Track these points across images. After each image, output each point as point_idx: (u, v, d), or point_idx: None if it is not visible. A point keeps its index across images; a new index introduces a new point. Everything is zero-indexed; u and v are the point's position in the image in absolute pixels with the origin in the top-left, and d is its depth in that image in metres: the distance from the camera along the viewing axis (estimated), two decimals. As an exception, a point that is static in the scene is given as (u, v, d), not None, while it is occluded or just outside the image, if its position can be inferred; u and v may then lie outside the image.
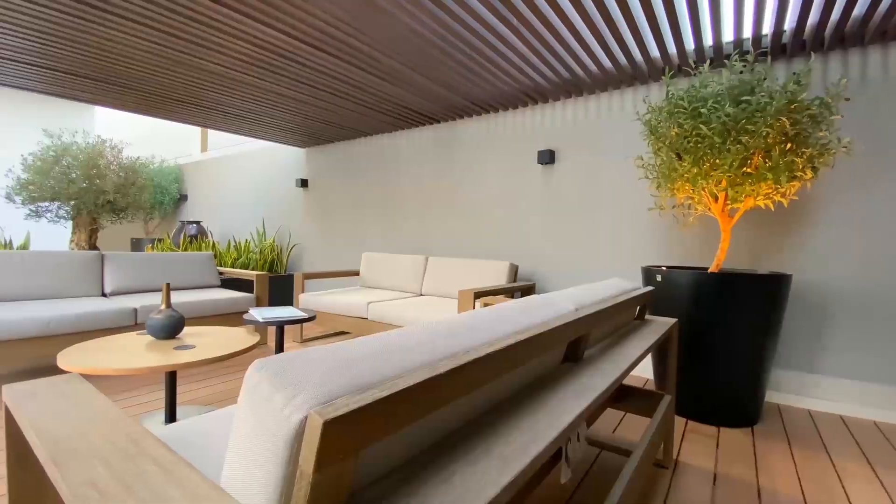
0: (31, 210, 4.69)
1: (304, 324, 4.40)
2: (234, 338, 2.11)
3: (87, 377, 2.78)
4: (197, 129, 7.40)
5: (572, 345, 1.23)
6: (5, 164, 5.58)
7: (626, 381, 2.92)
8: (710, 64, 2.72)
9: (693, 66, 2.38)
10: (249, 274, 3.74)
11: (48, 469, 0.64)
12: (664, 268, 2.47)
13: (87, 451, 0.65)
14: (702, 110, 2.12)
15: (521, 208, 3.68)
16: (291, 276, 5.22)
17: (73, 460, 0.62)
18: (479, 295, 2.71)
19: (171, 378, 1.96)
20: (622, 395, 1.92)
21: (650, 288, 1.92)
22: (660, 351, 2.39)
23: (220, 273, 4.10)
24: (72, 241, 4.92)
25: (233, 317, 3.49)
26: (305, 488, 0.44)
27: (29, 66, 3.08)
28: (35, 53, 2.85)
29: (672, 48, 2.57)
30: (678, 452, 1.94)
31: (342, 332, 4.21)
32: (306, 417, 0.46)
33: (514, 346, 0.81)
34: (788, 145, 2.09)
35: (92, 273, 3.29)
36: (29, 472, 0.92)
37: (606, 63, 2.79)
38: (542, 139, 3.58)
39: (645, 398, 1.83)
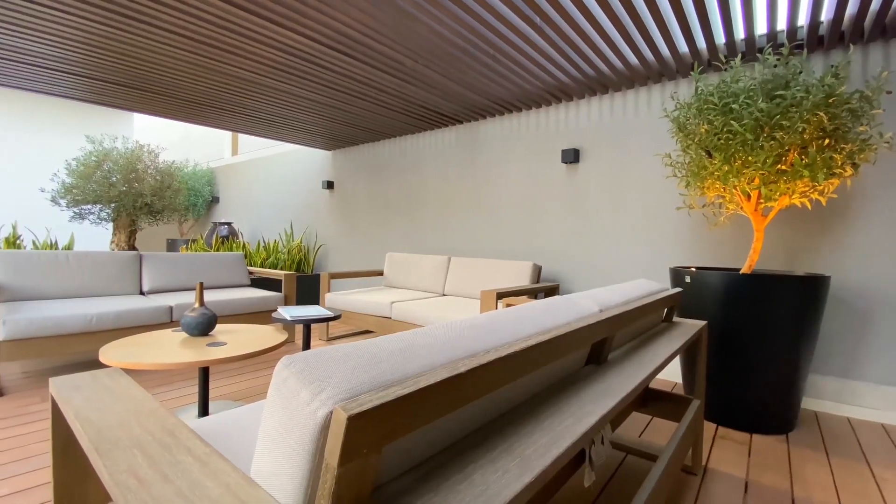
0: (74, 212, 4.95)
1: (330, 322, 4.49)
2: (263, 335, 2.18)
3: (126, 371, 2.92)
4: (228, 133, 7.65)
5: (596, 347, 1.21)
6: (51, 169, 5.90)
7: (653, 385, 2.85)
8: (741, 58, 2.63)
9: (723, 60, 2.31)
10: (278, 273, 3.84)
11: (91, 457, 0.68)
12: (693, 268, 2.41)
13: (127, 441, 0.69)
14: (733, 106, 2.06)
15: (544, 208, 3.64)
16: (318, 276, 5.33)
17: (115, 450, 0.66)
18: (501, 295, 2.71)
19: (205, 373, 2.04)
20: (649, 399, 1.88)
21: (678, 289, 1.88)
22: (688, 354, 2.33)
23: (250, 272, 4.22)
24: (112, 241, 5.16)
25: (262, 315, 3.59)
26: (331, 481, 0.46)
27: (72, 76, 3.26)
28: (77, 64, 3.01)
29: (701, 43, 2.50)
30: (708, 459, 1.89)
31: (366, 331, 4.27)
32: (331, 412, 0.47)
33: (536, 346, 0.81)
34: (826, 141, 2.00)
35: (131, 272, 3.44)
36: (73, 460, 0.98)
37: (633, 60, 2.74)
38: (566, 138, 3.54)
39: (672, 402, 1.78)
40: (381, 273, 4.45)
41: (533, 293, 3.11)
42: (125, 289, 3.38)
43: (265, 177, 6.53)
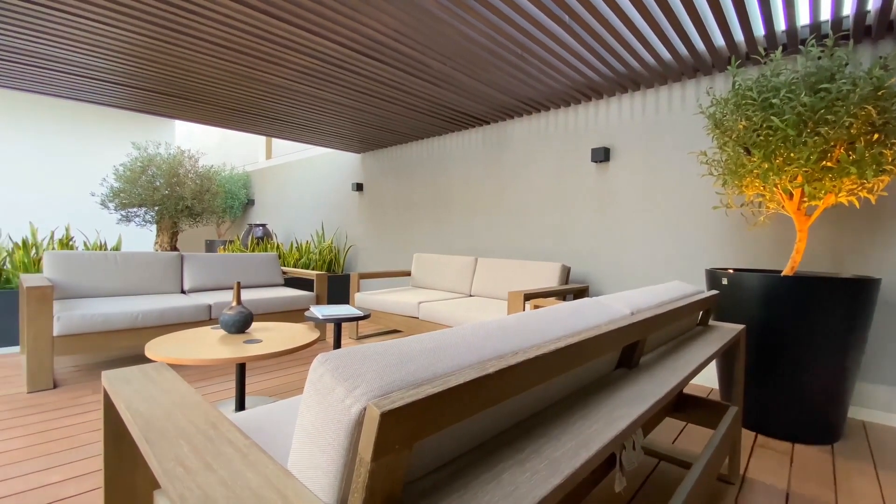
0: (122, 215, 5.24)
1: (359, 321, 4.57)
2: (296, 333, 2.25)
3: (170, 366, 3.06)
4: (262, 138, 7.91)
5: (627, 350, 1.19)
6: (101, 175, 6.27)
7: (687, 390, 2.76)
8: (782, 50, 2.52)
9: (763, 53, 2.21)
10: (310, 274, 3.94)
11: (141, 446, 0.72)
12: (731, 270, 2.32)
13: (173, 431, 0.73)
14: (773, 101, 1.97)
15: (573, 208, 3.59)
16: (348, 276, 5.43)
17: (163, 440, 0.70)
18: (529, 297, 2.69)
19: (241, 369, 2.12)
20: (683, 405, 1.83)
21: (714, 292, 1.82)
22: (725, 359, 2.25)
23: (284, 272, 4.35)
24: (156, 242, 5.43)
25: (294, 313, 3.69)
26: (365, 475, 0.48)
27: (119, 86, 3.45)
28: (124, 74, 3.18)
29: (739, 35, 2.41)
30: (746, 468, 1.82)
31: (394, 331, 4.32)
32: (365, 409, 0.49)
33: (564, 349, 0.81)
34: (875, 136, 1.89)
35: (173, 272, 3.62)
36: (123, 449, 1.04)
37: (665, 55, 2.67)
38: (595, 136, 3.48)
39: (708, 408, 1.73)
40: (408, 273, 4.50)
41: (561, 295, 3.07)
42: (168, 287, 3.55)
43: (297, 179, 6.71)
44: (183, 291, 3.69)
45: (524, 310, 2.61)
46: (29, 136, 5.72)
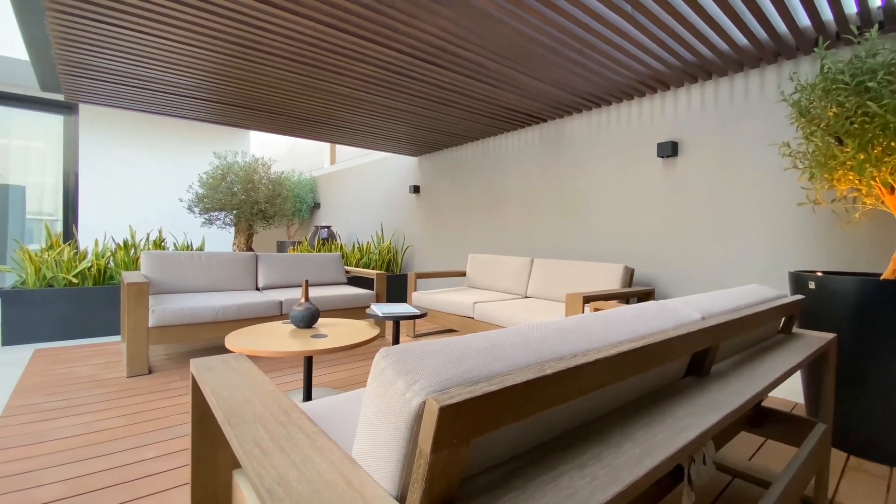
0: (205, 219, 5.75)
1: (416, 320, 4.67)
2: (359, 329, 2.35)
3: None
4: (327, 145, 8.34)
5: (697, 357, 1.13)
6: (186, 182, 6.92)
7: (767, 404, 2.54)
8: (878, 29, 2.24)
9: (856, 32, 1.98)
10: (370, 273, 4.10)
11: (224, 428, 0.79)
12: (819, 273, 2.11)
13: (251, 416, 0.79)
14: (870, 84, 1.76)
15: (637, 206, 3.43)
16: (405, 276, 5.58)
17: (243, 423, 0.77)
18: (588, 299, 2.60)
19: (309, 362, 2.25)
20: (762, 419, 1.69)
21: (799, 297, 1.66)
22: (812, 371, 2.04)
23: (347, 272, 4.56)
24: (234, 243, 5.91)
25: (356, 311, 3.85)
26: (424, 467, 0.50)
27: (200, 101, 3.79)
28: (204, 90, 3.50)
29: (827, 14, 2.18)
30: (835, 492, 1.64)
31: (450, 330, 4.36)
32: (424, 402, 0.51)
33: (627, 353, 0.78)
34: None
35: (249, 270, 3.91)
36: (207, 430, 1.14)
37: (741, 40, 2.47)
38: (662, 130, 3.29)
39: (792, 424, 1.58)
40: (463, 274, 4.53)
41: (624, 298, 2.94)
42: (244, 284, 3.85)
43: (359, 183, 7.00)
44: (257, 288, 3.98)
45: (583, 313, 2.53)
46: (128, 149, 6.45)
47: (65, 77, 3.21)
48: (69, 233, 5.99)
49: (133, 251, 4.16)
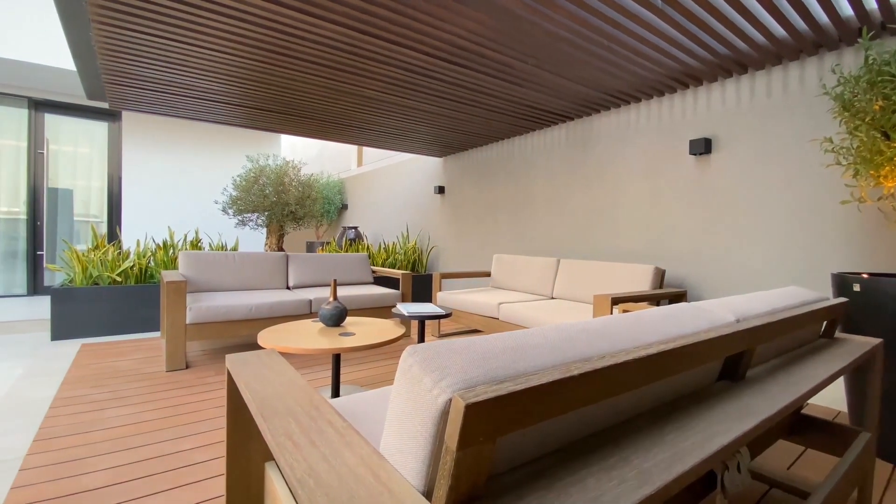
0: (238, 220, 5.95)
1: (441, 319, 4.69)
2: (385, 328, 2.38)
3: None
4: (354, 147, 8.48)
5: (731, 361, 1.09)
6: (221, 184, 7.18)
7: (807, 411, 2.43)
8: (939, 13, 2.11)
9: (910, 19, 1.88)
10: (396, 273, 4.14)
11: (257, 420, 0.82)
12: (865, 275, 2.00)
13: (283, 410, 0.82)
14: (924, 75, 1.66)
15: (668, 205, 3.34)
16: (430, 276, 5.61)
17: (275, 416, 0.80)
18: (617, 301, 2.55)
19: (337, 359, 2.30)
20: (802, 427, 1.62)
21: (842, 300, 1.58)
22: (856, 377, 1.94)
23: (373, 271, 4.62)
24: (266, 244, 6.08)
25: (382, 310, 3.91)
26: (450, 463, 0.50)
27: (233, 106, 3.92)
28: (237, 95, 3.62)
29: (871, 2, 2.07)
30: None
31: (475, 331, 4.36)
32: (451, 399, 0.52)
33: (656, 356, 0.77)
34: None
35: (280, 270, 4.02)
36: (242, 423, 1.19)
37: (779, 32, 2.38)
38: (694, 127, 3.20)
39: (833, 433, 1.51)
40: (488, 274, 4.52)
41: (654, 299, 2.86)
42: (275, 283, 3.96)
43: (385, 185, 7.09)
44: (288, 287, 4.09)
45: (612, 314, 2.48)
46: (167, 154, 6.74)
47: (109, 86, 3.39)
48: (113, 233, 6.31)
49: (171, 251, 4.35)
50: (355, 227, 7.05)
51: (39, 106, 5.76)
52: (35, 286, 5.71)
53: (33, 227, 5.70)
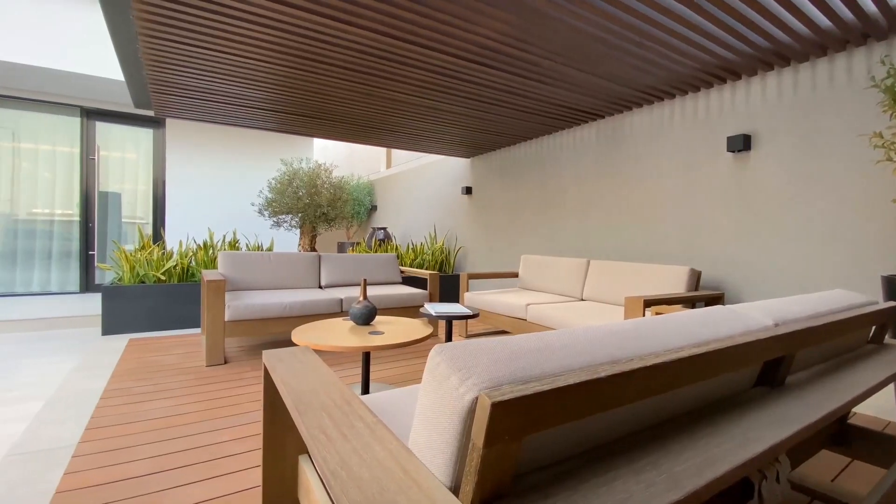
0: (273, 221, 6.15)
1: (468, 320, 4.70)
2: (413, 327, 2.41)
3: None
4: (384, 150, 8.61)
5: (770, 366, 1.06)
6: (257, 187, 7.44)
7: (854, 420, 2.30)
8: None
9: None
10: (424, 273, 4.18)
11: (293, 414, 0.86)
12: (920, 278, 1.88)
13: (317, 404, 0.86)
14: None
15: (705, 205, 3.23)
16: (457, 276, 5.62)
17: (309, 411, 0.83)
18: (649, 303, 2.49)
19: (367, 357, 2.35)
20: (846, 437, 1.54)
21: (893, 304, 1.49)
22: (912, 386, 1.83)
23: (402, 272, 4.68)
24: (299, 244, 6.27)
25: (410, 309, 3.95)
26: (477, 460, 0.52)
27: (267, 112, 4.06)
28: (271, 101, 3.74)
29: (934, -14, 1.94)
30: (942, 524, 1.46)
31: (502, 331, 4.34)
32: (477, 398, 0.53)
33: (687, 359, 0.76)
34: None
35: (312, 270, 4.14)
36: (277, 416, 1.23)
37: (823, 21, 2.26)
38: (732, 123, 3.08)
39: (882, 444, 1.43)
40: (515, 275, 4.49)
41: (689, 302, 2.78)
42: (308, 283, 4.08)
43: (413, 186, 7.16)
44: (320, 286, 4.19)
45: (644, 316, 2.43)
46: (207, 159, 7.04)
47: (155, 95, 3.58)
48: (157, 234, 6.65)
49: (211, 251, 4.54)
50: (384, 228, 7.15)
51: (91, 114, 6.13)
52: (87, 284, 6.08)
53: (86, 228, 6.08)
